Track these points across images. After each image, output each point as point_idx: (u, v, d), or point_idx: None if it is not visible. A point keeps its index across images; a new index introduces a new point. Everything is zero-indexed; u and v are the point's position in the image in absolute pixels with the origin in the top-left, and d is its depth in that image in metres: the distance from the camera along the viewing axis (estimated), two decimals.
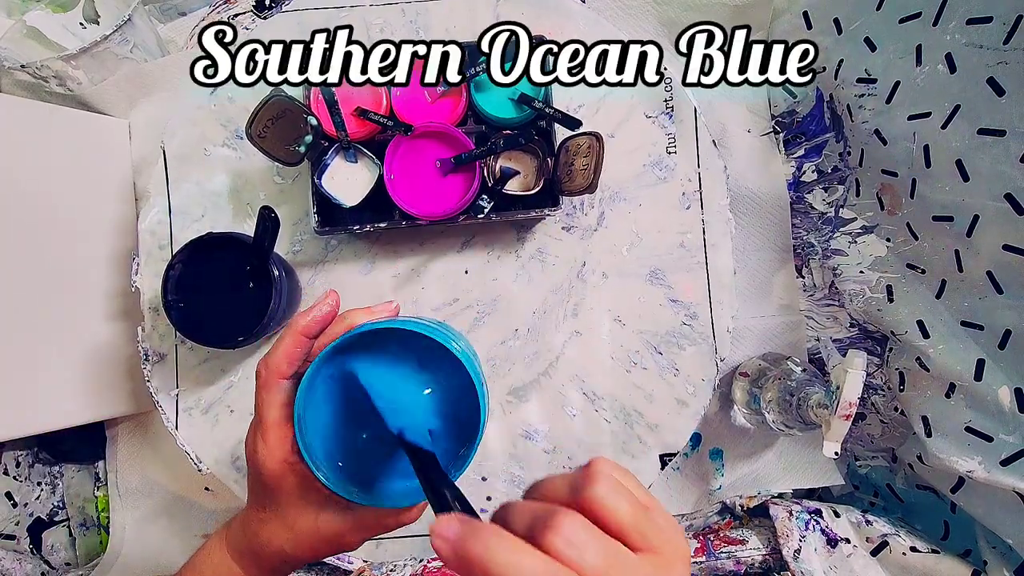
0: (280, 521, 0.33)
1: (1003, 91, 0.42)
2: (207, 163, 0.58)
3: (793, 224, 0.63)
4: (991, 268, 0.45)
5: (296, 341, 0.32)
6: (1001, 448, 0.45)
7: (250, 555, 0.35)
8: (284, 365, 0.32)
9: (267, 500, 0.33)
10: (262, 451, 0.32)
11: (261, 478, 0.32)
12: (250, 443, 0.33)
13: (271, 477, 0.32)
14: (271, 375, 0.32)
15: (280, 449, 0.32)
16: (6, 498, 0.59)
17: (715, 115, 0.62)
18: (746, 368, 0.60)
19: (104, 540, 0.63)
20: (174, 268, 0.50)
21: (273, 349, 0.33)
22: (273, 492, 0.33)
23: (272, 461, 0.32)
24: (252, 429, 0.33)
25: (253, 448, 0.33)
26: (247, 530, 0.35)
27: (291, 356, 0.32)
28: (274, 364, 0.32)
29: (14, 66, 0.58)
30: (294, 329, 0.32)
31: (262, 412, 0.32)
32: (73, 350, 0.56)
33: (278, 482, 0.32)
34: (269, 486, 0.32)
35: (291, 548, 0.34)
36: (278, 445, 0.32)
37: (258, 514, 0.34)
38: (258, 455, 0.32)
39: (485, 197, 0.53)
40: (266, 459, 0.32)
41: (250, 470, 0.34)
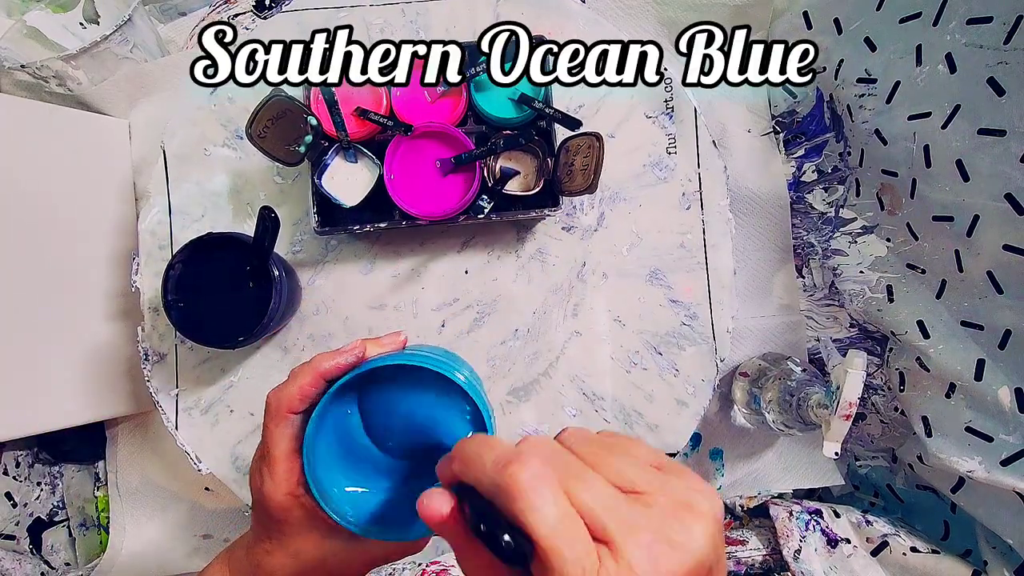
0: (285, 552, 0.33)
1: (1003, 91, 0.42)
2: (207, 163, 0.58)
3: (793, 224, 0.63)
4: (991, 268, 0.45)
5: (314, 381, 0.32)
6: (1001, 448, 0.45)
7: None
8: (297, 401, 0.32)
9: (273, 531, 0.33)
10: (269, 484, 0.32)
11: (267, 510, 0.32)
12: (256, 476, 0.33)
13: (278, 510, 0.32)
14: (282, 409, 0.32)
15: (287, 482, 0.32)
16: (6, 498, 0.59)
17: (715, 115, 0.62)
18: (746, 368, 0.60)
19: (104, 540, 0.63)
20: (174, 268, 0.50)
21: (288, 384, 0.32)
22: (279, 524, 0.32)
23: (279, 494, 0.32)
24: (257, 462, 0.33)
25: (260, 481, 0.32)
26: (251, 560, 0.34)
27: (306, 394, 0.32)
28: (287, 399, 0.32)
29: (14, 66, 0.58)
30: (314, 369, 0.32)
31: (270, 445, 0.32)
32: (73, 350, 0.56)
33: (284, 515, 0.32)
34: (275, 518, 0.32)
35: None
36: (285, 478, 0.32)
37: (263, 545, 0.34)
38: (264, 488, 0.32)
39: (485, 197, 0.53)
40: (273, 492, 0.32)
41: (256, 502, 0.33)
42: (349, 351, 0.33)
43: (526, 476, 0.21)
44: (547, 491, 0.21)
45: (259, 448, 0.33)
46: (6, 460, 0.60)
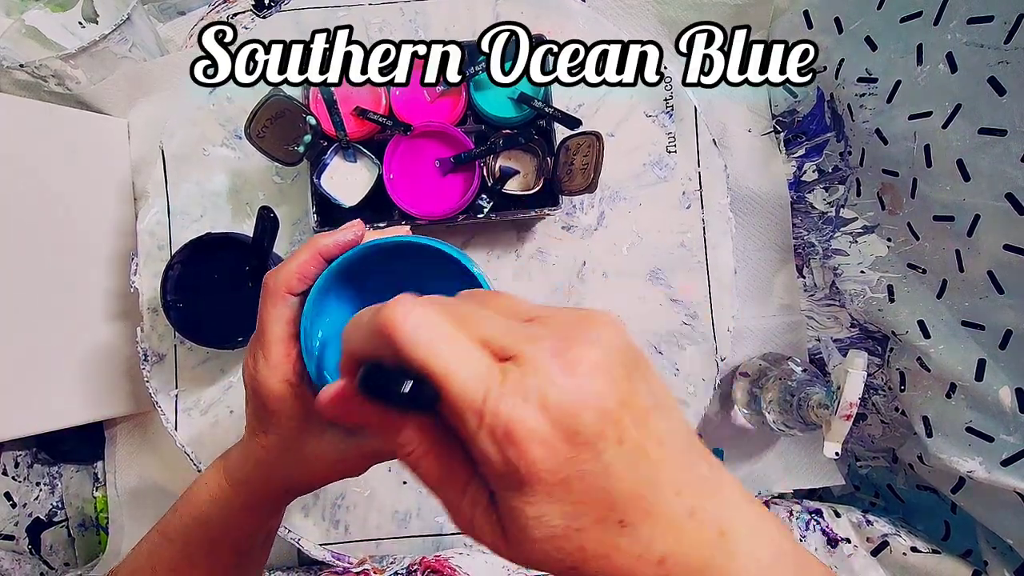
0: (283, 446, 0.32)
1: (1004, 90, 0.42)
2: (206, 163, 0.58)
3: (794, 224, 0.63)
4: (992, 268, 0.45)
5: (312, 259, 0.30)
6: (1002, 448, 0.45)
7: (251, 485, 0.34)
8: (295, 280, 0.30)
9: (268, 424, 0.32)
10: (263, 370, 0.30)
11: (261, 399, 0.31)
12: (250, 363, 0.31)
13: (272, 398, 0.30)
14: (279, 288, 0.30)
15: (282, 368, 0.30)
16: (5, 498, 0.59)
17: (715, 114, 0.62)
18: (746, 368, 0.60)
19: (103, 540, 0.63)
20: (173, 268, 0.50)
21: (286, 263, 0.30)
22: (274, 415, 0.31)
23: (274, 380, 0.30)
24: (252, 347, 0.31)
25: (254, 366, 0.31)
26: (247, 457, 0.33)
27: (304, 272, 0.30)
28: (284, 278, 0.30)
29: (13, 65, 0.58)
30: (312, 246, 0.30)
31: (265, 326, 0.30)
32: (72, 350, 0.56)
33: (279, 404, 0.30)
34: (270, 408, 0.31)
35: (296, 473, 0.32)
36: (280, 363, 0.30)
37: (258, 440, 0.32)
38: (259, 374, 0.30)
39: (485, 197, 0.53)
40: (267, 378, 0.30)
41: (249, 393, 0.32)
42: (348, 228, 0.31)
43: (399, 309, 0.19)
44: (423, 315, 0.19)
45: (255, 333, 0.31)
46: (5, 460, 0.59)
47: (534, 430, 0.18)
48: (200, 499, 0.35)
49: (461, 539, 0.57)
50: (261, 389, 0.30)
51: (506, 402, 0.18)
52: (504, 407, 0.18)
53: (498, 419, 0.18)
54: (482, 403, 0.18)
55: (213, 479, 0.35)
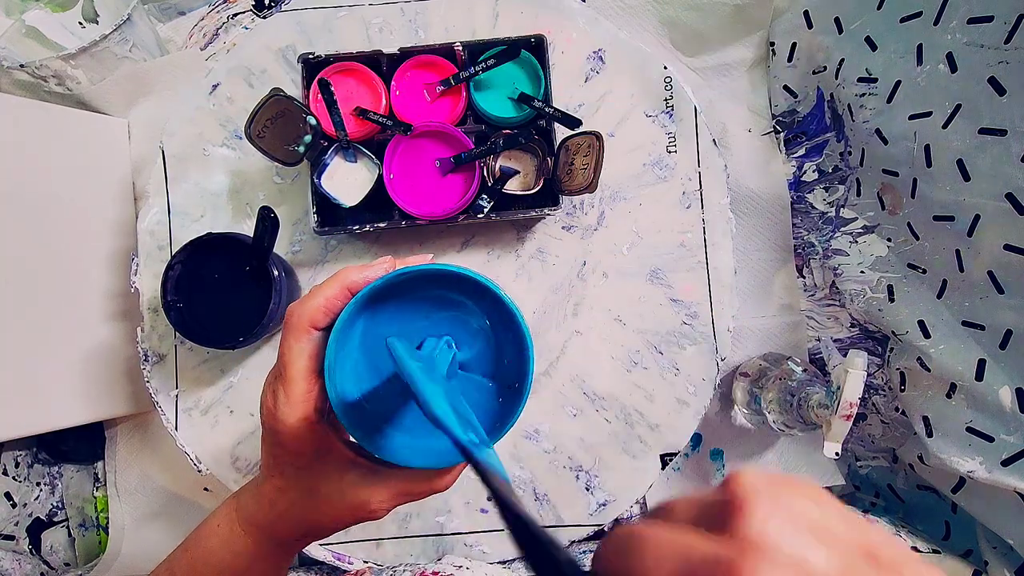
0: (300, 488, 0.30)
1: (1004, 90, 0.42)
2: (206, 163, 0.58)
3: (794, 224, 0.63)
4: (992, 268, 0.45)
5: (341, 293, 0.29)
6: (1002, 448, 0.45)
7: (265, 527, 0.32)
8: (320, 315, 0.29)
9: (285, 464, 0.30)
10: (284, 407, 0.29)
11: (279, 438, 0.29)
12: (268, 398, 0.30)
13: (291, 437, 0.29)
14: (303, 322, 0.29)
15: (303, 405, 0.29)
16: (5, 498, 0.58)
17: (715, 114, 0.62)
18: (747, 368, 0.60)
19: (103, 540, 0.63)
20: (173, 268, 0.50)
21: (311, 296, 0.29)
22: (293, 455, 0.30)
23: (294, 418, 0.29)
24: (271, 383, 0.30)
25: (273, 403, 0.29)
26: (261, 500, 0.32)
27: (331, 307, 0.29)
28: (310, 312, 0.29)
29: (13, 65, 0.58)
30: (342, 280, 0.29)
31: (287, 363, 0.29)
32: (73, 350, 0.56)
33: (298, 443, 0.29)
34: (288, 448, 0.29)
35: (312, 518, 0.31)
36: (302, 400, 0.29)
37: (274, 482, 0.31)
38: (279, 412, 0.29)
39: (485, 197, 0.53)
40: (288, 416, 0.29)
41: (267, 431, 0.30)
42: (379, 264, 0.30)
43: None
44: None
45: (274, 368, 0.30)
46: (5, 460, 0.59)
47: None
48: (211, 542, 0.34)
49: (461, 540, 0.57)
50: (280, 427, 0.29)
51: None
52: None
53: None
54: None
55: (225, 521, 0.34)
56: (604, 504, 0.57)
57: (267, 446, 0.31)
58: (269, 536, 0.32)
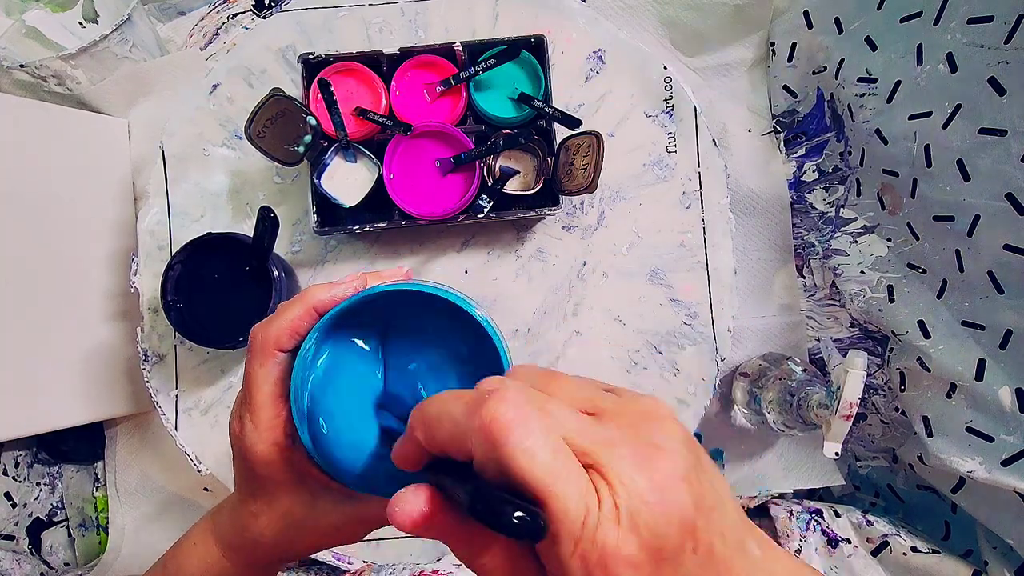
0: (272, 513, 0.30)
1: (1004, 91, 0.42)
2: (206, 163, 0.58)
3: (794, 224, 0.63)
4: (992, 268, 0.45)
5: (307, 314, 0.28)
6: (1002, 448, 0.45)
7: (240, 549, 0.32)
8: (285, 337, 0.28)
9: (257, 489, 0.30)
10: (251, 434, 0.28)
11: (249, 464, 0.29)
12: (235, 425, 0.29)
13: (261, 463, 0.28)
14: (268, 346, 0.28)
15: (272, 431, 0.28)
16: (5, 498, 0.58)
17: (715, 114, 0.62)
18: (746, 368, 0.60)
19: (103, 540, 0.63)
20: (173, 268, 0.50)
21: (276, 317, 0.28)
22: (263, 480, 0.29)
23: (262, 444, 0.28)
24: (238, 409, 0.29)
25: (240, 430, 0.28)
26: (235, 523, 0.31)
27: (297, 329, 0.28)
28: (275, 335, 0.28)
29: (13, 65, 0.58)
30: (308, 301, 0.28)
31: (252, 387, 0.28)
32: (73, 350, 0.56)
33: (268, 469, 0.28)
34: (259, 474, 0.29)
35: (286, 542, 0.30)
36: (269, 427, 0.28)
37: (248, 506, 0.30)
38: (246, 438, 0.28)
39: (485, 197, 0.53)
40: (255, 443, 0.28)
41: (236, 456, 0.29)
42: (347, 282, 0.29)
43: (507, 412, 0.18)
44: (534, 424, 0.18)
45: (240, 392, 0.29)
46: (5, 460, 0.59)
47: (628, 556, 0.17)
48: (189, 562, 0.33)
49: None
50: (248, 454, 0.28)
51: (603, 529, 0.17)
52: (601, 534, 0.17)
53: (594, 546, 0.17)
54: (580, 529, 0.17)
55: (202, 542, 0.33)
56: None
57: (238, 470, 0.30)
58: (245, 558, 0.32)
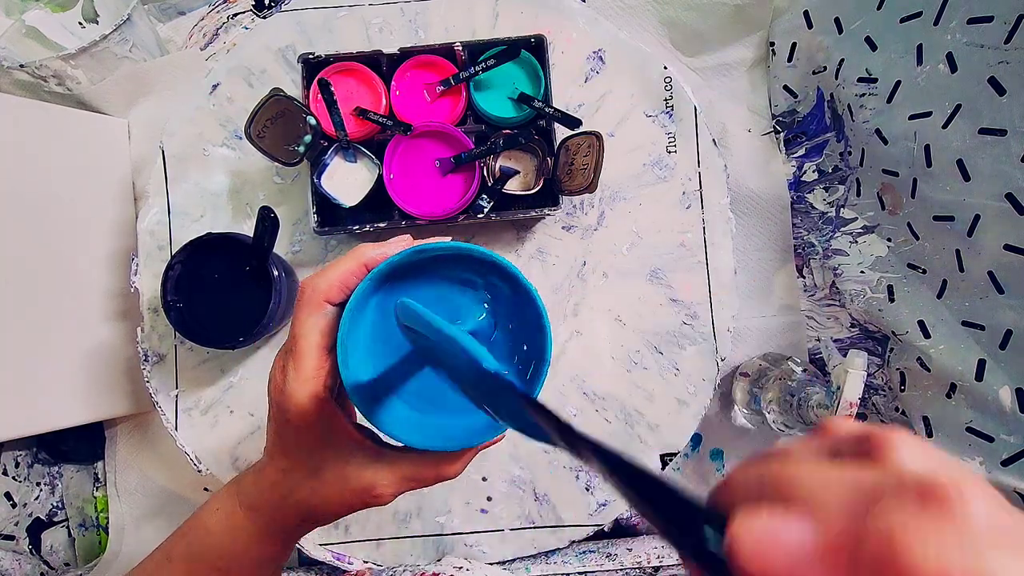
0: (304, 469, 0.30)
1: (1004, 90, 0.42)
2: (206, 163, 0.58)
3: (794, 224, 0.63)
4: (992, 268, 0.45)
5: (358, 268, 0.28)
6: (1002, 448, 0.45)
7: (266, 510, 0.31)
8: (335, 290, 0.28)
9: (290, 444, 0.30)
10: (293, 382, 0.28)
11: (287, 415, 0.29)
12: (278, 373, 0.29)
13: (299, 415, 0.28)
14: (317, 296, 0.28)
15: (314, 381, 0.28)
16: (5, 498, 0.58)
17: (715, 114, 0.62)
18: (747, 368, 0.60)
19: (103, 540, 0.63)
20: (173, 268, 0.50)
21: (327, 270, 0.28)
22: (298, 434, 0.29)
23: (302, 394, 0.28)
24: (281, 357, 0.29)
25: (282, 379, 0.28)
26: (263, 481, 0.31)
27: (346, 283, 0.28)
28: (325, 287, 0.28)
29: (13, 65, 0.58)
30: (358, 257, 0.28)
31: (299, 336, 0.28)
32: (73, 350, 0.56)
33: (305, 420, 0.28)
34: (295, 425, 0.29)
35: (316, 500, 0.30)
36: (311, 376, 0.28)
37: (278, 462, 0.30)
38: (288, 386, 0.28)
39: (485, 197, 0.53)
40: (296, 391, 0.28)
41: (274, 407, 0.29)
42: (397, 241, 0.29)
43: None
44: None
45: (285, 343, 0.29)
46: (5, 460, 0.59)
47: None
48: (210, 523, 0.33)
49: (461, 540, 0.57)
50: (288, 403, 0.28)
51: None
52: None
53: None
54: None
55: (225, 503, 0.33)
56: (604, 504, 0.57)
57: (273, 423, 0.30)
58: (270, 519, 0.32)
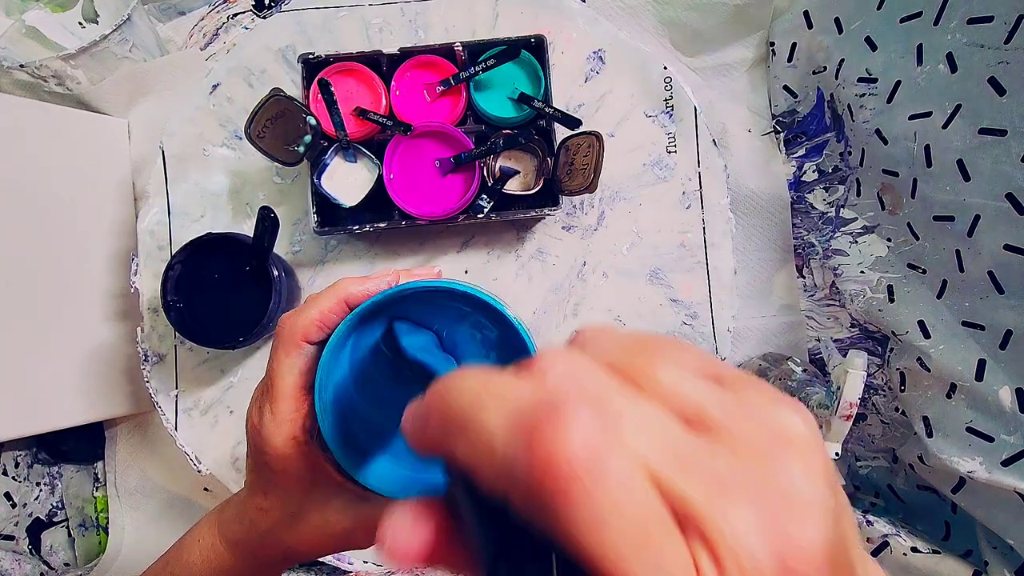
0: (283, 511, 0.29)
1: (1004, 91, 0.42)
2: (206, 163, 0.58)
3: (794, 224, 0.63)
4: (992, 268, 0.45)
5: (337, 306, 0.27)
6: (1002, 448, 0.45)
7: (245, 546, 0.31)
8: (314, 328, 0.27)
9: (269, 484, 0.29)
10: (269, 425, 0.27)
11: (265, 457, 0.28)
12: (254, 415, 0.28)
13: (277, 457, 0.27)
14: (295, 336, 0.27)
15: (291, 424, 0.27)
16: (5, 498, 0.58)
17: (715, 114, 0.62)
18: (746, 368, 0.60)
19: (103, 541, 0.63)
20: (173, 268, 0.50)
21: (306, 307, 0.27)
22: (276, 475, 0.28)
23: (280, 437, 0.27)
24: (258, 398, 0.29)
25: (259, 420, 0.28)
26: (243, 518, 0.30)
27: (326, 321, 0.27)
28: (303, 325, 0.27)
29: (13, 66, 0.58)
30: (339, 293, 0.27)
31: (275, 377, 0.27)
32: (73, 350, 0.56)
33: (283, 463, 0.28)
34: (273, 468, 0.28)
35: (293, 542, 0.30)
36: (289, 419, 0.27)
37: (257, 501, 0.30)
38: (264, 429, 0.27)
39: (485, 197, 0.53)
40: (273, 434, 0.27)
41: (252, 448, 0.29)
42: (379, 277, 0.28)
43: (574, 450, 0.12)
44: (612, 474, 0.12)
45: (262, 382, 0.29)
46: (5, 460, 0.59)
47: None
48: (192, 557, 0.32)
49: None
50: (265, 446, 0.28)
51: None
52: None
53: None
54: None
55: (207, 537, 0.32)
56: None
57: (252, 463, 0.30)
58: (250, 556, 0.31)
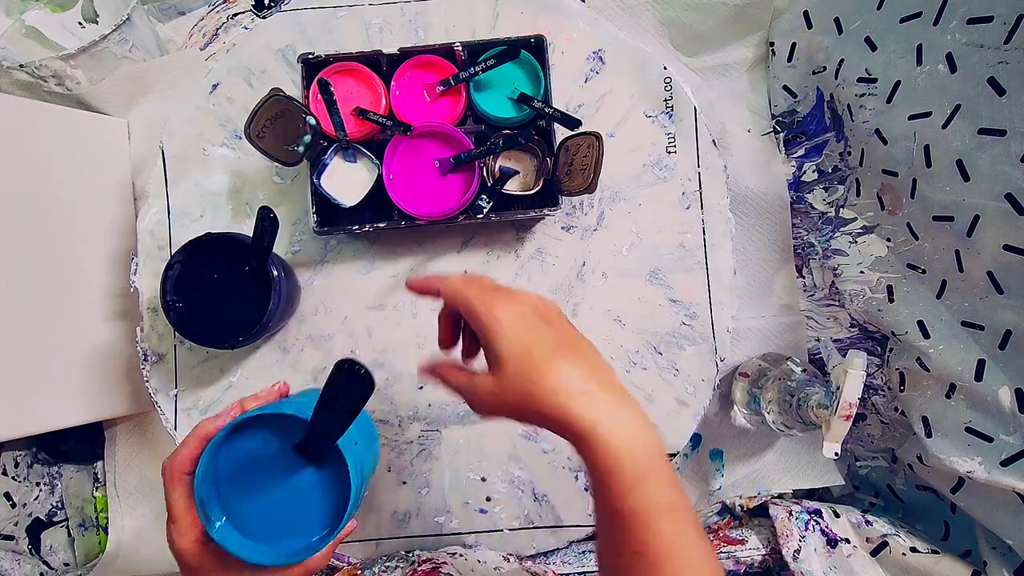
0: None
1: (1003, 91, 0.42)
2: (206, 163, 0.58)
3: (793, 224, 0.63)
4: (992, 268, 0.45)
5: (200, 445, 0.38)
6: (1001, 448, 0.45)
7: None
8: (187, 464, 0.37)
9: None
10: (176, 538, 0.37)
11: (183, 561, 0.37)
12: (167, 533, 0.38)
13: (190, 557, 0.37)
14: (175, 473, 0.37)
15: (192, 531, 0.37)
16: (5, 498, 0.59)
17: (715, 115, 0.62)
18: (746, 368, 0.60)
19: (103, 540, 0.63)
20: (173, 268, 0.50)
21: (178, 451, 0.38)
22: (196, 571, 0.37)
23: (186, 543, 0.37)
24: (167, 525, 0.38)
25: (170, 536, 0.37)
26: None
27: (194, 456, 0.37)
28: (178, 464, 0.37)
29: (13, 66, 0.58)
30: (200, 435, 0.38)
31: (171, 504, 0.37)
32: (72, 350, 0.56)
33: (197, 560, 0.37)
34: (191, 566, 0.37)
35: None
36: (189, 529, 0.37)
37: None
38: (175, 543, 0.37)
39: (484, 197, 0.53)
40: (182, 543, 0.37)
41: (176, 559, 0.38)
42: (227, 413, 0.39)
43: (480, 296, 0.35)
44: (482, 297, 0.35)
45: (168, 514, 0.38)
46: (5, 460, 0.59)
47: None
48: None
49: (460, 540, 0.57)
50: (181, 555, 0.37)
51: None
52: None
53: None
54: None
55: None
56: None
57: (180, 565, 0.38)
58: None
